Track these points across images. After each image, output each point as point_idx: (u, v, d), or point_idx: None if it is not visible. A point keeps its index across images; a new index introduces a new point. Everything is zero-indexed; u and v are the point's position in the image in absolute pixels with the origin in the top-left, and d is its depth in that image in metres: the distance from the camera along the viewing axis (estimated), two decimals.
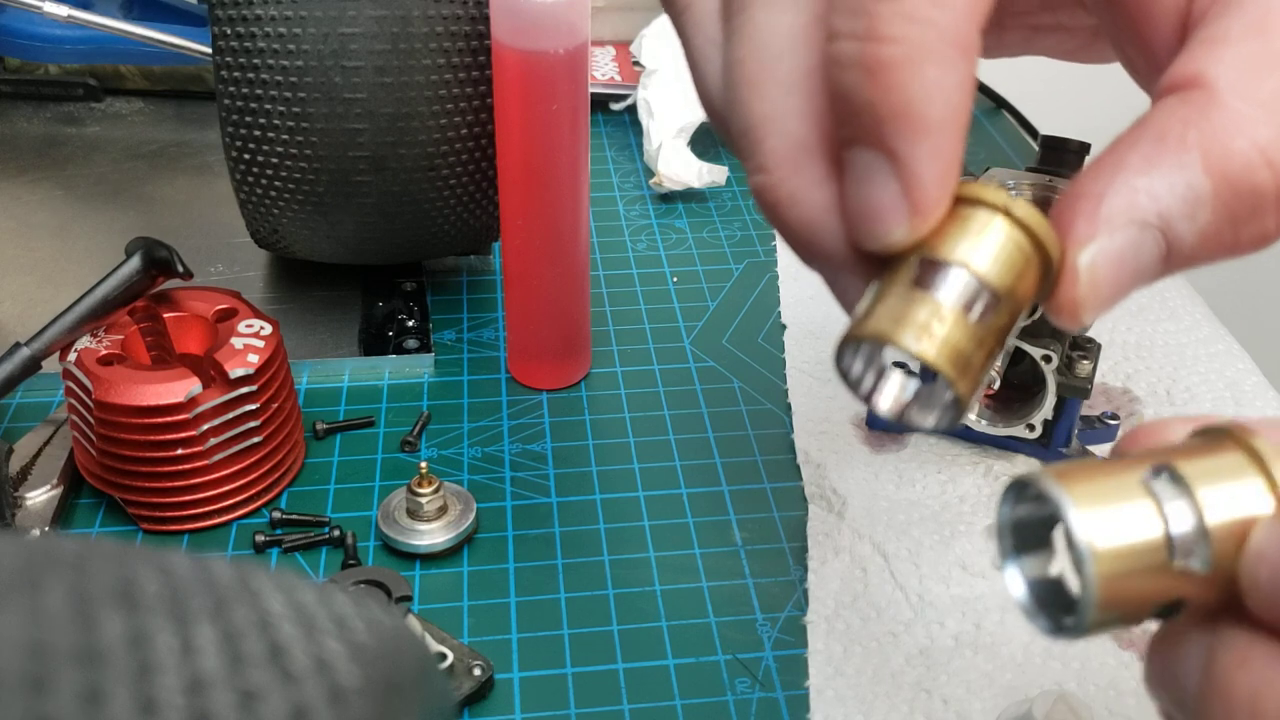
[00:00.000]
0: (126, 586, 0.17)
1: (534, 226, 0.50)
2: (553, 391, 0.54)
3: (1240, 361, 0.56)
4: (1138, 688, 0.40)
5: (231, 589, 0.17)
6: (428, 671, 0.21)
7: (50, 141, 0.71)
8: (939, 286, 0.24)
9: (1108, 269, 0.24)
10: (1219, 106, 0.24)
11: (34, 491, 0.46)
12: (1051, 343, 0.46)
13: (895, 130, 0.24)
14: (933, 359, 0.24)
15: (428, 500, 0.45)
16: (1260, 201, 0.24)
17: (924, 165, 0.24)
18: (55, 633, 0.15)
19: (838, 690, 0.40)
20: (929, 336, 0.23)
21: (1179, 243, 0.24)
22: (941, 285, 0.24)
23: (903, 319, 0.24)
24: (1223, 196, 0.24)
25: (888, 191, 0.24)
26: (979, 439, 0.50)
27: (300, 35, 0.48)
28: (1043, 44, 0.35)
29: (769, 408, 0.53)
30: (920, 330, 0.24)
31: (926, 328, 0.24)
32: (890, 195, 0.24)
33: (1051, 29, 0.34)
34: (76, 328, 0.45)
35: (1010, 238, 0.24)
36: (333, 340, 0.55)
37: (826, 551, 0.45)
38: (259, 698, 0.16)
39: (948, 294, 0.24)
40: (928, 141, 0.24)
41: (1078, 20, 0.34)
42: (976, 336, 0.24)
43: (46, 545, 0.17)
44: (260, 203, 0.52)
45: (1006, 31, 0.35)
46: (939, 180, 0.24)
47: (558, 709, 0.40)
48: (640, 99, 0.70)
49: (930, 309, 0.24)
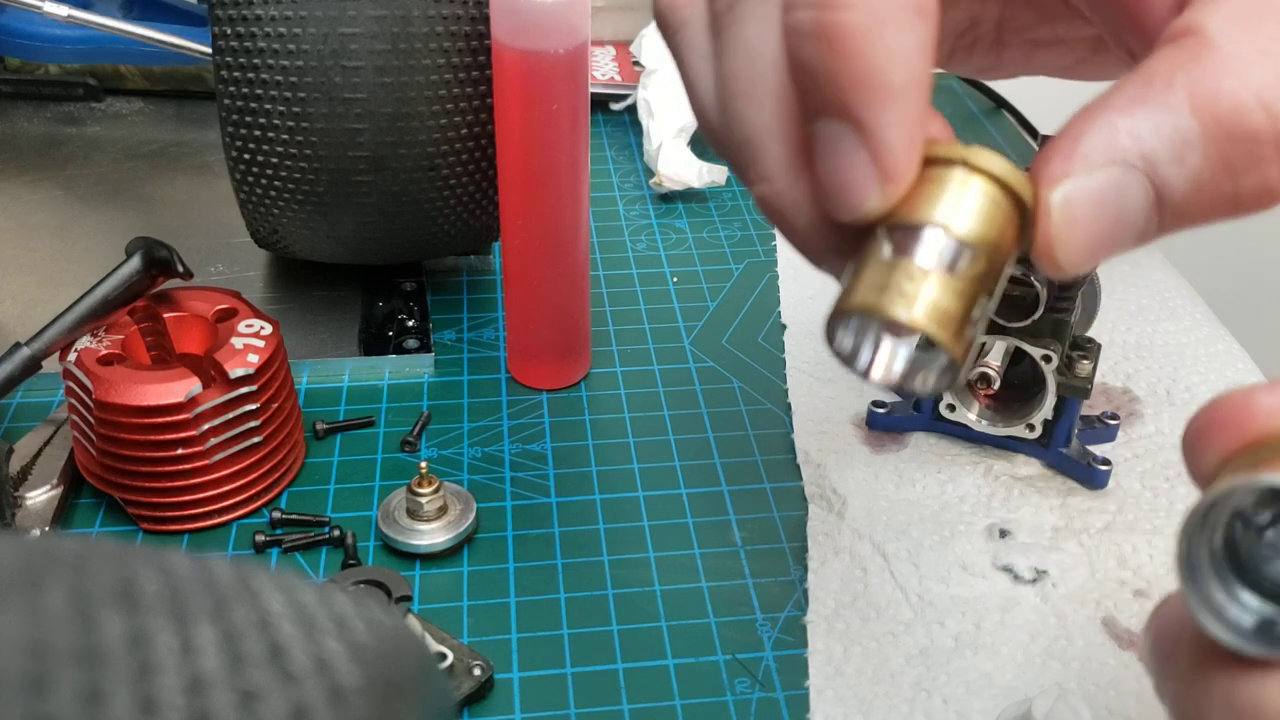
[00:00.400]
0: (126, 586, 0.17)
1: (534, 226, 0.50)
2: (553, 391, 0.54)
3: (1240, 361, 0.56)
4: (1138, 687, 0.41)
5: (231, 589, 0.17)
6: (428, 671, 0.21)
7: (50, 141, 0.71)
8: (915, 250, 0.24)
9: (1086, 208, 0.24)
10: (1210, 50, 0.23)
11: (34, 491, 0.46)
12: (1051, 343, 0.46)
13: (858, 98, 0.24)
14: (919, 323, 0.23)
15: (428, 500, 0.45)
16: (1257, 148, 0.23)
17: (890, 131, 0.24)
18: (55, 633, 0.15)
19: (838, 690, 0.40)
20: (912, 301, 0.23)
21: (1169, 189, 0.23)
22: (918, 249, 0.24)
23: (885, 288, 0.24)
24: (1214, 140, 0.23)
25: (857, 160, 0.24)
26: (979, 439, 0.50)
27: (300, 35, 0.48)
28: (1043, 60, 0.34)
29: (769, 408, 0.53)
30: (902, 296, 0.23)
31: (908, 293, 0.23)
32: (860, 164, 0.24)
33: (1051, 43, 0.34)
34: (76, 328, 0.45)
35: (977, 188, 0.24)
36: (333, 340, 0.55)
37: (826, 551, 0.45)
38: (259, 698, 0.16)
39: (925, 256, 0.24)
40: (892, 107, 0.24)
41: (1076, 32, 0.33)
42: (960, 294, 0.24)
43: (46, 545, 0.17)
44: (260, 203, 0.52)
45: (1006, 49, 0.34)
46: (906, 145, 0.24)
47: (558, 709, 0.40)
48: (640, 99, 0.70)
49: (909, 274, 0.24)
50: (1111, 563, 0.45)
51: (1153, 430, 0.51)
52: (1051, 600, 0.43)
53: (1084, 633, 0.42)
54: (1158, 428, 0.51)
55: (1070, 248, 0.24)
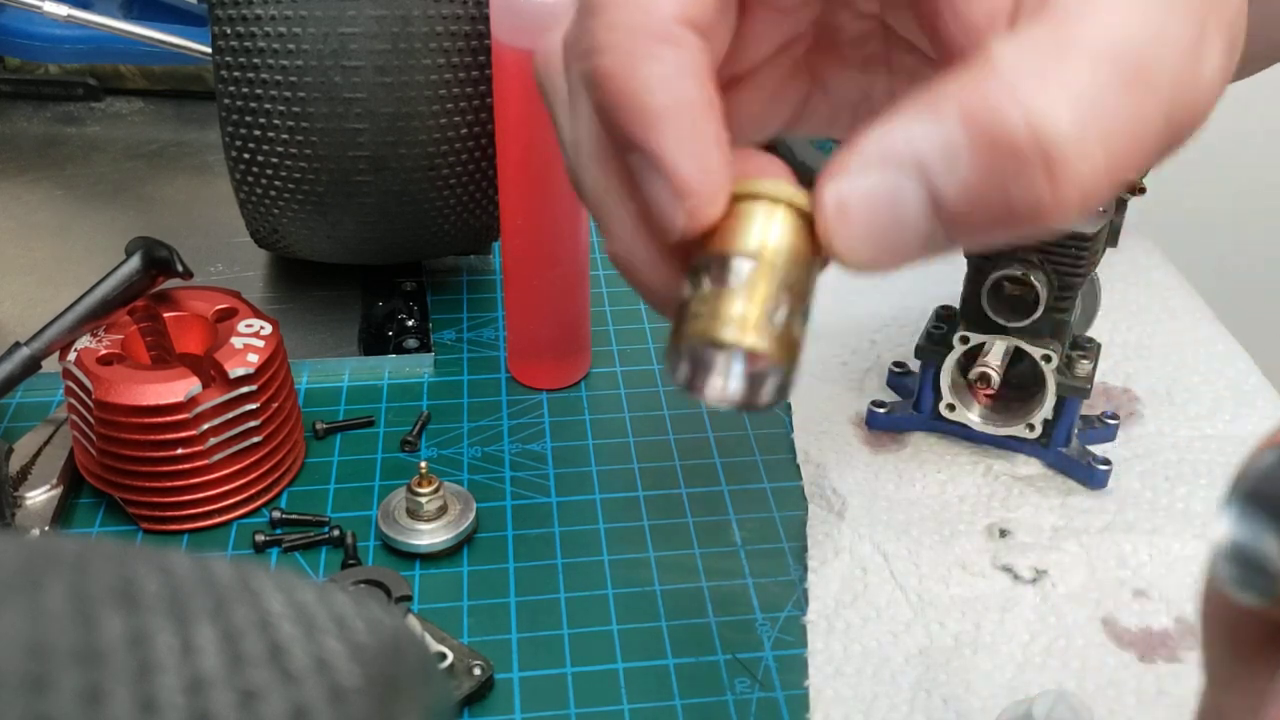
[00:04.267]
0: (126, 586, 0.17)
1: (534, 226, 0.50)
2: (553, 391, 0.54)
3: (1240, 361, 0.56)
4: (1138, 687, 0.41)
5: (231, 589, 0.17)
6: (428, 671, 0.21)
7: (50, 141, 0.71)
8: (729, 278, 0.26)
9: (861, 206, 0.25)
10: (991, 70, 0.24)
11: (34, 491, 0.46)
12: (1051, 343, 0.46)
13: (636, 126, 0.26)
14: (744, 340, 0.26)
15: (428, 500, 0.45)
16: (1021, 163, 0.24)
17: (675, 152, 0.26)
18: (55, 633, 0.15)
19: (838, 690, 0.40)
20: (732, 323, 0.26)
21: (942, 195, 0.24)
22: (730, 276, 0.26)
23: (710, 315, 0.26)
24: (980, 150, 0.24)
25: (657, 183, 0.26)
26: (979, 439, 0.50)
27: (300, 35, 0.48)
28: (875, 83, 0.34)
29: None
30: (725, 321, 0.26)
31: (729, 316, 0.26)
32: (660, 187, 0.26)
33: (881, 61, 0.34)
34: (76, 327, 0.45)
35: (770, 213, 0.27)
36: (333, 340, 0.55)
37: (826, 551, 0.45)
38: (259, 697, 0.16)
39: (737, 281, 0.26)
40: (668, 129, 0.26)
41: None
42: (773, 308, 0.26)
43: (46, 545, 0.17)
44: (260, 203, 0.52)
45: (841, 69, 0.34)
46: (695, 162, 0.26)
47: (557, 709, 0.40)
48: None
49: (728, 299, 0.26)
50: (1111, 562, 0.45)
51: (1153, 430, 0.51)
52: (1051, 600, 0.43)
53: (1084, 632, 0.42)
54: (1158, 428, 0.51)
55: (847, 241, 0.25)
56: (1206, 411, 0.52)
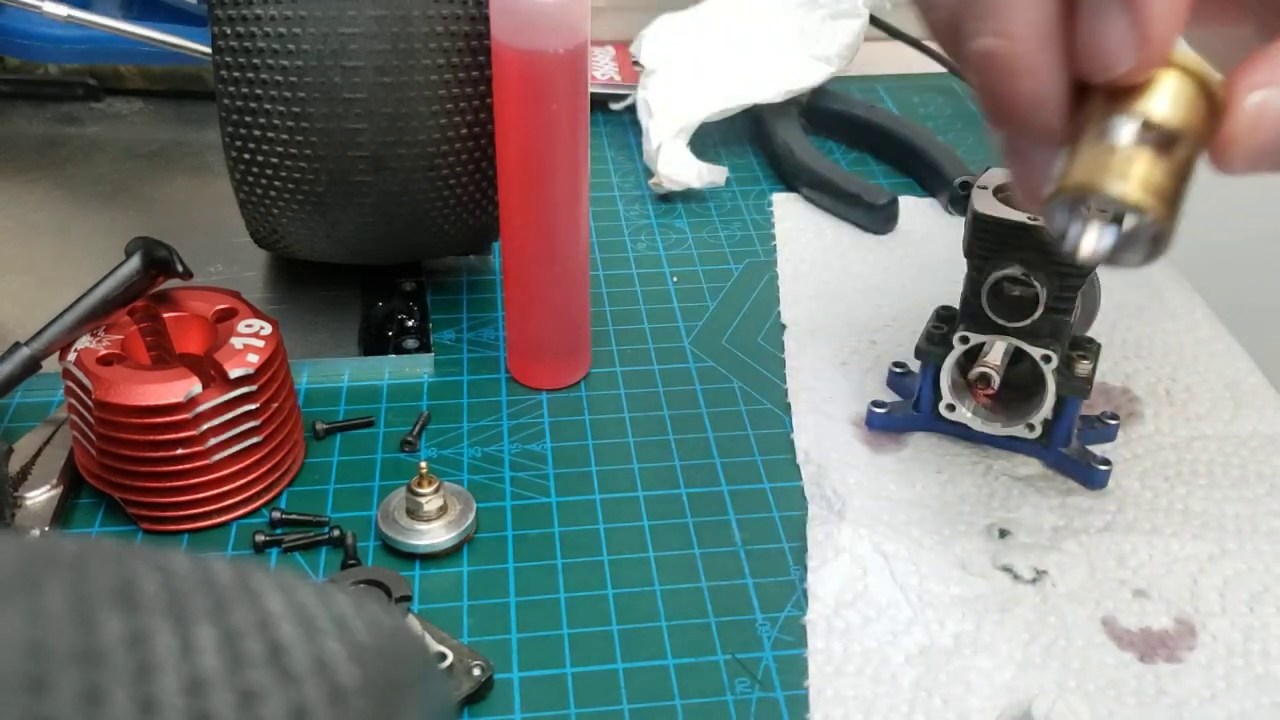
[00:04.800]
0: (126, 586, 0.17)
1: (534, 226, 0.50)
2: (553, 391, 0.54)
3: (1240, 361, 0.56)
4: (1138, 687, 0.41)
5: (231, 589, 0.17)
6: (428, 671, 0.21)
7: (50, 141, 0.71)
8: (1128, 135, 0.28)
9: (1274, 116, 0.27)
10: None
11: (34, 491, 0.46)
12: (1051, 343, 0.46)
13: None
14: (1134, 196, 0.28)
15: (428, 500, 0.45)
16: None
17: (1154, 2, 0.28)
18: (55, 633, 0.15)
19: (838, 690, 0.40)
20: (1127, 179, 0.28)
21: None
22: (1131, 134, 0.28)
23: (1103, 168, 0.28)
24: None
25: (1120, 24, 0.28)
26: (979, 439, 0.50)
27: (300, 35, 0.48)
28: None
29: (769, 408, 0.53)
30: (1118, 175, 0.28)
31: (1123, 172, 0.28)
32: (1122, 28, 0.28)
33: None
34: (76, 328, 0.45)
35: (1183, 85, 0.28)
36: (332, 340, 0.55)
37: (826, 551, 0.45)
38: (259, 698, 0.16)
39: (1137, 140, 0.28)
40: None
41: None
42: (1167, 173, 0.28)
43: (46, 545, 0.17)
44: (260, 203, 0.52)
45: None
46: (1166, 16, 0.28)
47: (558, 709, 0.40)
48: (640, 99, 0.70)
49: (1123, 156, 0.28)
50: (1111, 562, 0.45)
51: (1153, 430, 0.51)
52: (1051, 600, 0.43)
53: (1083, 632, 0.42)
54: (1157, 428, 0.51)
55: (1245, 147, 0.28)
56: (1206, 411, 0.52)
